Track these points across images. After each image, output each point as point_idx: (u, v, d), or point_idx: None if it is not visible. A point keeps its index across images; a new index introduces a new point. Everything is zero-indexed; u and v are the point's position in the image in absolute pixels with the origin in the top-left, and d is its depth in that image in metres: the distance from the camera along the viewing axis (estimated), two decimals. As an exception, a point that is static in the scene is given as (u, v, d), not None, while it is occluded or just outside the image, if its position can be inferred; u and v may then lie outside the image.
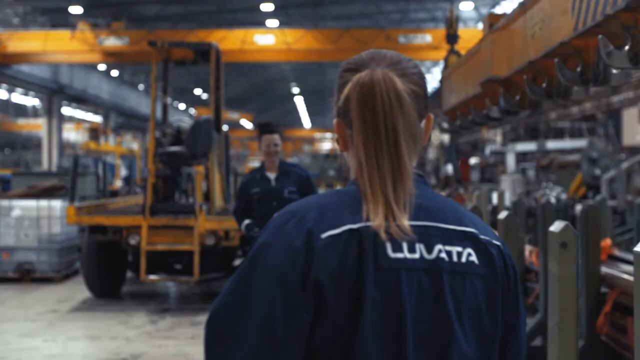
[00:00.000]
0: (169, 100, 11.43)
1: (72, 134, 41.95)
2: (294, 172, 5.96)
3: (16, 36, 24.10)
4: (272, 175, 5.87)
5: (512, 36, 5.35)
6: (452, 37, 11.27)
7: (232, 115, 45.60)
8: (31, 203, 11.25)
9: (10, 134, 42.56)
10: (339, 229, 1.33)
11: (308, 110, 61.68)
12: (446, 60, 10.72)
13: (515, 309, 1.46)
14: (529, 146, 23.23)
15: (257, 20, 29.34)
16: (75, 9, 26.46)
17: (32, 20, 30.12)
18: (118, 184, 27.49)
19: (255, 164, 37.61)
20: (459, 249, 1.38)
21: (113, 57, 25.35)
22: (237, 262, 10.00)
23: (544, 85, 4.74)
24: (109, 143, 37.61)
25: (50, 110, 31.10)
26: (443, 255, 1.36)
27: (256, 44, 23.77)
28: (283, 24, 28.38)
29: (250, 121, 51.52)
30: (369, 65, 1.42)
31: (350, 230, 1.33)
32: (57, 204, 11.25)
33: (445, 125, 9.56)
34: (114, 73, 39.53)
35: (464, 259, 1.38)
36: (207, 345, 1.37)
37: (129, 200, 12.83)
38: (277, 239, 1.34)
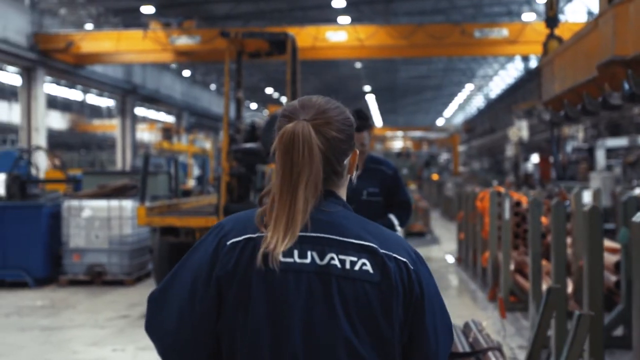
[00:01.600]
0: (241, 95, 10.92)
1: (145, 134, 42.26)
2: (380, 170, 5.22)
3: (89, 37, 24.14)
4: (355, 173, 5.20)
5: (643, 8, 4.60)
6: (552, 20, 10.25)
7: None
8: (102, 203, 10.90)
9: (85, 134, 43.13)
10: (240, 237, 1.68)
11: (380, 108, 60.98)
12: (545, 46, 9.78)
13: (421, 320, 1.66)
14: (620, 142, 21.92)
15: (329, 17, 28.93)
16: (147, 9, 26.40)
17: (105, 22, 30.28)
18: (191, 183, 27.31)
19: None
20: (353, 258, 1.64)
21: (185, 56, 25.15)
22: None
23: (690, 61, 4.00)
24: (182, 142, 37.65)
25: (124, 111, 31.24)
26: (335, 262, 1.63)
27: (328, 41, 23.29)
28: (355, 21, 27.87)
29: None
30: (299, 115, 1.70)
31: (249, 238, 1.67)
32: (128, 204, 10.87)
33: (546, 116, 8.73)
34: (186, 73, 39.59)
35: (357, 267, 1.63)
36: (146, 318, 1.75)
37: (202, 200, 12.42)
38: (201, 246, 1.73)
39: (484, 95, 57.41)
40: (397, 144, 58.88)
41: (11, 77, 31.16)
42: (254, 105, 52.49)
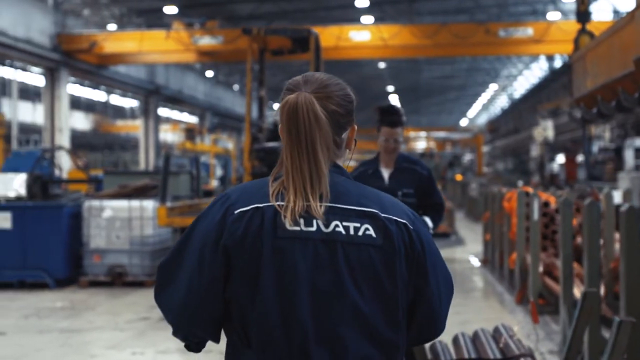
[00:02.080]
0: (263, 94, 10.75)
1: (168, 135, 42.29)
2: (413, 170, 4.98)
3: (112, 37, 24.15)
4: (386, 173, 4.93)
5: (685, -3, 4.36)
6: (583, 15, 9.95)
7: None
8: (122, 203, 10.78)
9: (109, 135, 43.19)
10: (248, 206, 1.74)
11: (403, 108, 60.64)
12: (576, 41, 9.50)
13: (424, 275, 1.78)
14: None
15: (352, 17, 28.80)
16: (170, 9, 26.38)
17: (128, 22, 30.30)
18: (213, 183, 27.22)
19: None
20: (357, 224, 1.74)
21: (208, 57, 25.09)
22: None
23: None
24: (205, 143, 37.63)
25: (147, 111, 31.27)
26: (340, 229, 1.72)
27: (351, 41, 23.15)
28: (378, 20, 27.71)
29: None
30: (301, 88, 1.78)
31: (256, 207, 1.74)
32: (149, 204, 10.73)
33: (577, 114, 8.45)
34: (209, 74, 39.58)
35: (360, 233, 1.73)
36: (155, 288, 1.85)
37: (224, 201, 12.26)
38: (207, 214, 1.80)
39: (508, 95, 56.97)
40: (421, 145, 58.55)
41: (35, 77, 31.25)
42: (277, 106, 52.49)
